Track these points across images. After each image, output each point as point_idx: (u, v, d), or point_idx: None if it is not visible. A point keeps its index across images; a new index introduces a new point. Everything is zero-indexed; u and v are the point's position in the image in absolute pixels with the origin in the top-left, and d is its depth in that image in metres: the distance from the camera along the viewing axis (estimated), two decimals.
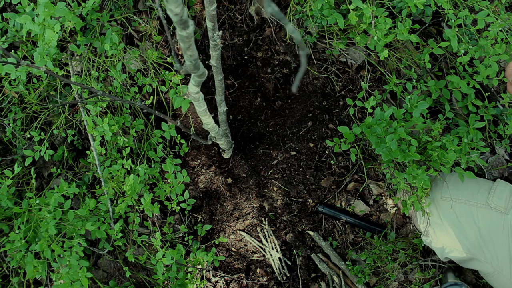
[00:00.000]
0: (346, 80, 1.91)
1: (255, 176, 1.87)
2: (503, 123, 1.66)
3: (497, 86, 1.82)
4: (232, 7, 1.93)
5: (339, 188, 1.83)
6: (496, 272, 1.40)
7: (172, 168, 1.49)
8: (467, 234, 1.44)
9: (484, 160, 1.67)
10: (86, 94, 1.54)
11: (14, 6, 1.40)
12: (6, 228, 1.41)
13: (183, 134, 1.85)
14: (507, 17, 1.54)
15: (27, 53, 1.55)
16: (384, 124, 1.43)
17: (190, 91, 1.16)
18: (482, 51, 1.52)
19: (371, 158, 1.82)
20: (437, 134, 1.50)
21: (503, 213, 1.42)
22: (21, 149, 1.67)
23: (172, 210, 1.62)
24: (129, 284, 1.68)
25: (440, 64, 1.86)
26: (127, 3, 1.72)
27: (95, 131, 1.43)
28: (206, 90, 1.90)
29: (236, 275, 1.75)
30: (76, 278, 1.28)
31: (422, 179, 1.44)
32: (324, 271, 1.74)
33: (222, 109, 1.49)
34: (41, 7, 1.27)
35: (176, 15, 0.64)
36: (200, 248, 1.66)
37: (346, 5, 1.52)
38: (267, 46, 1.93)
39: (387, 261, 1.70)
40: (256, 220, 1.82)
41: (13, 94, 1.63)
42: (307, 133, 1.89)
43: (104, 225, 1.41)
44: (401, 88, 1.63)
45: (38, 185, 1.79)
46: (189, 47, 0.80)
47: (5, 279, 1.58)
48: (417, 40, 1.46)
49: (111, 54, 1.54)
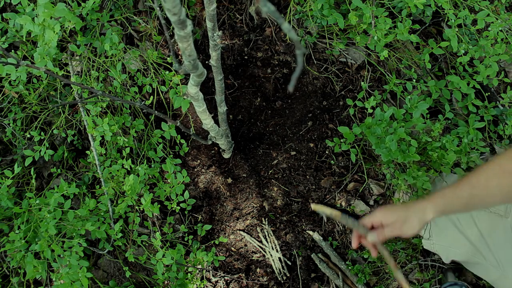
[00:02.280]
0: (346, 80, 1.90)
1: (255, 176, 1.87)
2: (503, 123, 1.66)
3: (497, 86, 1.82)
4: (232, 7, 1.93)
5: (339, 188, 1.83)
6: (503, 277, 1.39)
7: (172, 168, 1.49)
8: (468, 236, 1.44)
9: (484, 160, 1.67)
10: (86, 94, 1.54)
11: (14, 6, 1.40)
12: (6, 228, 1.41)
13: (183, 134, 1.85)
14: (507, 17, 1.54)
15: (27, 53, 1.56)
16: (384, 124, 1.43)
17: (189, 91, 1.16)
18: (482, 51, 1.52)
19: (371, 158, 1.82)
20: (437, 134, 1.49)
21: (502, 217, 1.41)
22: (21, 149, 1.67)
23: (172, 210, 1.62)
24: (129, 284, 1.68)
25: (440, 64, 1.86)
26: (127, 3, 1.72)
27: (95, 131, 1.43)
28: (206, 90, 1.90)
29: (236, 275, 1.75)
30: (76, 278, 1.28)
31: (422, 180, 1.44)
32: (324, 271, 1.74)
33: (222, 109, 1.49)
34: (41, 8, 1.27)
35: (174, 15, 0.64)
36: (200, 248, 1.66)
37: (346, 5, 1.52)
38: (267, 46, 1.93)
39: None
40: (256, 220, 1.82)
41: (13, 94, 1.63)
42: (307, 133, 1.89)
43: (104, 225, 1.41)
44: (401, 88, 1.63)
45: (38, 185, 1.79)
46: (187, 47, 0.80)
47: (5, 279, 1.58)
48: (417, 40, 1.46)
49: (111, 54, 1.54)
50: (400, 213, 1.00)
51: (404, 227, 0.99)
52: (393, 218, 1.00)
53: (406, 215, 1.00)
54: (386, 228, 1.01)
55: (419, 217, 0.99)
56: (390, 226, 1.00)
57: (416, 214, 0.99)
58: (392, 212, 1.01)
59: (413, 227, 0.99)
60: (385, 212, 1.02)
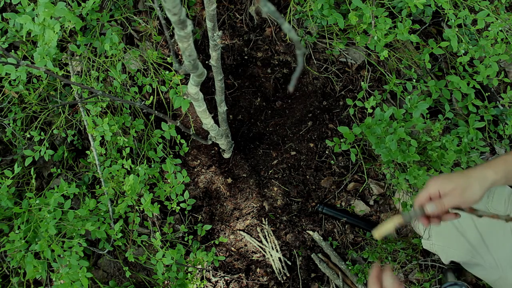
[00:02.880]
0: (346, 80, 1.90)
1: (255, 176, 1.87)
2: (503, 123, 1.66)
3: (497, 86, 1.82)
4: (232, 7, 1.93)
5: (339, 188, 1.83)
6: (502, 278, 1.38)
7: (172, 168, 1.49)
8: (468, 237, 1.44)
9: (484, 160, 1.67)
10: (86, 94, 1.54)
11: (14, 6, 1.40)
12: (6, 228, 1.41)
13: (183, 134, 1.85)
14: (507, 17, 1.54)
15: (27, 53, 1.55)
16: (384, 124, 1.43)
17: (190, 91, 1.16)
18: (482, 51, 1.52)
19: (371, 158, 1.82)
20: (437, 134, 1.49)
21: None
22: (21, 149, 1.67)
23: (172, 210, 1.62)
24: (129, 284, 1.68)
25: (440, 64, 1.86)
26: (127, 3, 1.72)
27: (95, 131, 1.43)
28: (206, 90, 1.90)
29: (236, 275, 1.75)
30: (76, 278, 1.28)
31: (422, 180, 1.44)
32: (324, 271, 1.74)
33: (222, 109, 1.49)
34: (41, 7, 1.27)
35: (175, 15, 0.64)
36: (200, 248, 1.66)
37: (346, 5, 1.52)
38: (267, 46, 1.93)
39: (387, 261, 1.70)
40: (256, 220, 1.82)
41: (13, 94, 1.63)
42: (307, 133, 1.89)
43: (104, 225, 1.41)
44: (401, 88, 1.63)
45: (38, 185, 1.79)
46: (187, 47, 0.80)
47: (5, 279, 1.58)
48: (417, 40, 1.46)
49: (111, 54, 1.54)
50: (459, 180, 0.93)
51: (466, 194, 0.92)
52: (451, 185, 0.93)
53: (466, 181, 0.93)
54: (445, 197, 0.93)
55: (480, 182, 0.92)
56: (449, 194, 0.93)
57: (477, 180, 0.92)
58: (449, 180, 0.94)
59: (474, 193, 0.92)
60: (441, 181, 0.95)
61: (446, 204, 0.93)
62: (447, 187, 0.93)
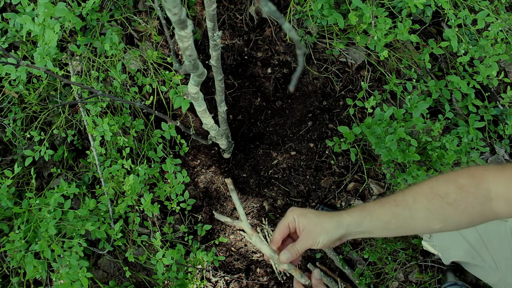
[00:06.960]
0: (346, 80, 1.90)
1: (255, 176, 1.87)
2: (503, 123, 1.66)
3: (497, 86, 1.82)
4: (232, 7, 1.93)
5: (339, 188, 1.83)
6: (502, 281, 1.38)
7: (172, 168, 1.49)
8: (468, 239, 1.43)
9: (484, 160, 1.67)
10: (86, 94, 1.54)
11: (14, 6, 1.40)
12: (6, 228, 1.41)
13: (183, 134, 1.85)
14: (507, 17, 1.54)
15: (27, 53, 1.55)
16: (384, 124, 1.43)
17: (190, 91, 1.16)
18: (482, 51, 1.52)
19: (371, 158, 1.82)
20: (437, 134, 1.50)
21: (502, 220, 1.40)
22: (21, 149, 1.67)
23: (172, 210, 1.62)
24: (129, 284, 1.68)
25: (440, 64, 1.86)
26: (127, 3, 1.72)
27: (95, 131, 1.43)
28: (206, 90, 1.90)
29: (236, 275, 1.75)
30: (76, 278, 1.28)
31: (422, 180, 1.44)
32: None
33: (222, 109, 1.49)
34: (41, 7, 1.27)
35: (175, 15, 0.64)
36: (200, 248, 1.66)
37: (346, 5, 1.52)
38: (267, 46, 1.93)
39: (387, 261, 1.70)
40: (256, 220, 1.82)
41: (13, 94, 1.63)
42: (307, 133, 1.89)
43: (104, 225, 1.41)
44: (401, 88, 1.63)
45: (38, 185, 1.79)
46: (188, 47, 0.80)
47: (5, 279, 1.58)
48: (417, 40, 1.46)
49: (111, 54, 1.54)
50: (311, 216, 0.89)
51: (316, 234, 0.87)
52: (305, 222, 0.89)
53: (319, 219, 0.88)
54: (298, 242, 0.90)
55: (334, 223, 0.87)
56: (302, 237, 0.89)
57: (330, 221, 0.87)
58: (304, 216, 0.90)
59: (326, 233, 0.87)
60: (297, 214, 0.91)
61: (299, 250, 0.90)
62: (303, 220, 0.90)
